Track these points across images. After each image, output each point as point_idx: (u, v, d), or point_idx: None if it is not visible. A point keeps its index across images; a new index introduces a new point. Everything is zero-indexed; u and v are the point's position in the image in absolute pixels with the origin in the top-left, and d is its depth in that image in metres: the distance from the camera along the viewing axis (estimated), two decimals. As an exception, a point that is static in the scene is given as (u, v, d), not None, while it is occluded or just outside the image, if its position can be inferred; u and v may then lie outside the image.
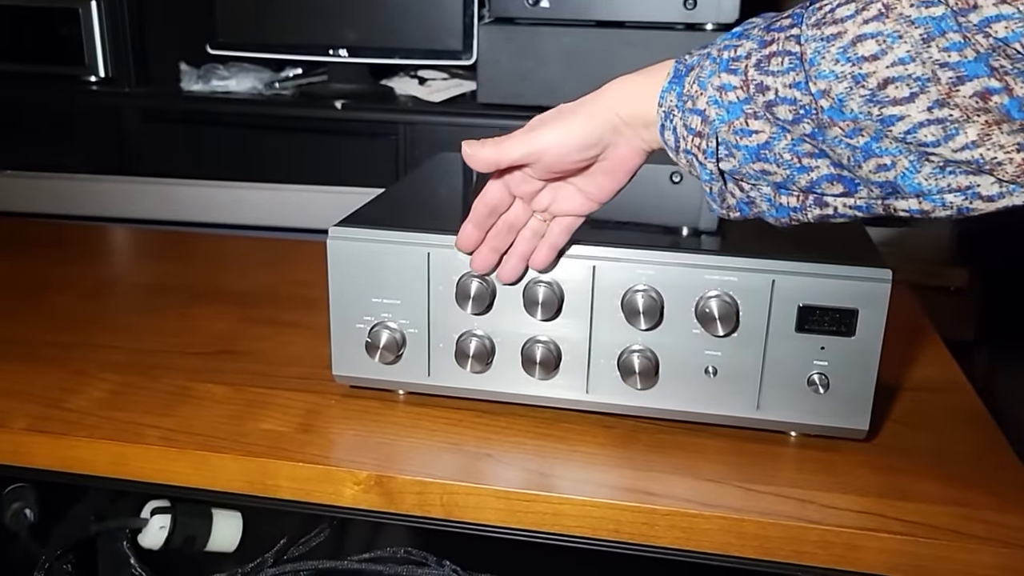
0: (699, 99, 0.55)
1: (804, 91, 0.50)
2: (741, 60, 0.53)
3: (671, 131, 0.57)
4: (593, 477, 0.64)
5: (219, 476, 0.67)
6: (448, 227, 0.69)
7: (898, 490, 0.63)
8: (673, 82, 0.57)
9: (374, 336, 0.71)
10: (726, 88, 0.54)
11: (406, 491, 0.64)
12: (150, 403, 0.73)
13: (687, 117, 0.56)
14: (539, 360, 0.68)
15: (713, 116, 0.54)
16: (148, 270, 1.12)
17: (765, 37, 0.53)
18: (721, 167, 0.56)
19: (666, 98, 0.57)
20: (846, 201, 0.55)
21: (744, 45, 0.54)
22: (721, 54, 0.55)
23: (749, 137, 0.54)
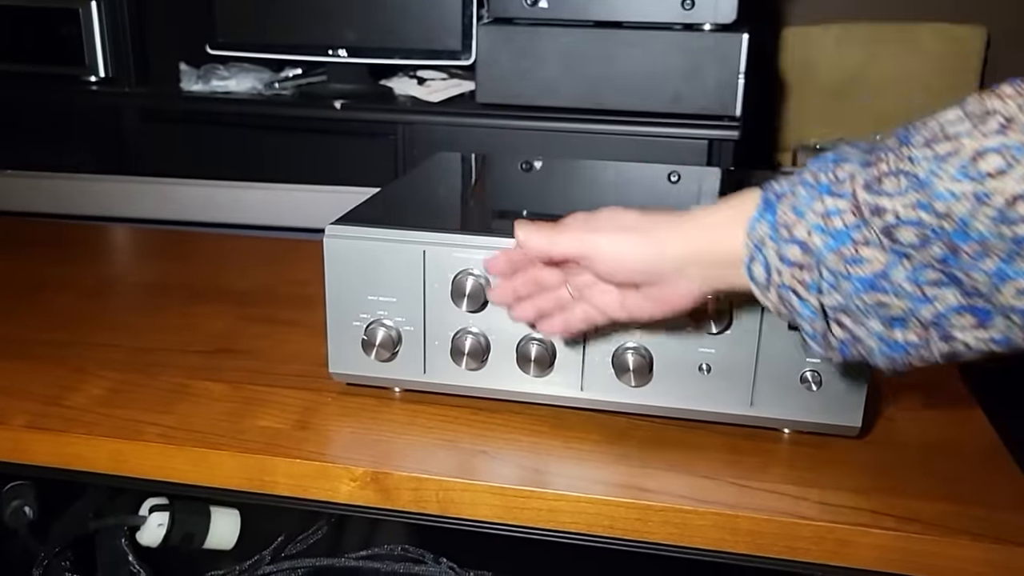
0: (797, 227, 0.50)
1: (930, 212, 0.45)
2: (845, 182, 0.49)
3: (761, 265, 0.52)
4: (588, 474, 0.65)
5: (217, 473, 0.67)
6: (443, 226, 0.70)
7: (890, 486, 0.63)
8: (764, 211, 0.52)
9: (370, 334, 0.71)
10: (831, 213, 0.49)
11: (402, 487, 0.65)
12: (149, 400, 0.74)
13: (783, 247, 0.51)
14: (534, 358, 0.69)
15: (818, 245, 0.49)
16: (147, 269, 1.13)
17: (867, 158, 0.49)
18: (823, 302, 0.51)
19: (757, 228, 0.52)
20: (979, 334, 0.49)
21: (844, 167, 0.50)
22: (818, 178, 0.50)
23: (860, 266, 0.49)
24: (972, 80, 2.26)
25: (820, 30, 2.31)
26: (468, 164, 1.02)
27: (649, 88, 1.56)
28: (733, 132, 1.54)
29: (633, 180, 0.97)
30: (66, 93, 1.85)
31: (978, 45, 2.25)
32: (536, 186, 0.96)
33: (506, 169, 1.04)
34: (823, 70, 2.33)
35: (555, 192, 0.93)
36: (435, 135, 1.69)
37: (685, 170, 1.00)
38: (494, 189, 0.97)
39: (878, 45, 2.29)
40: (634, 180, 0.97)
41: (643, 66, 1.55)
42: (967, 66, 2.26)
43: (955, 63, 2.26)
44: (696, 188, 0.94)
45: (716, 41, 1.52)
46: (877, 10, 2.28)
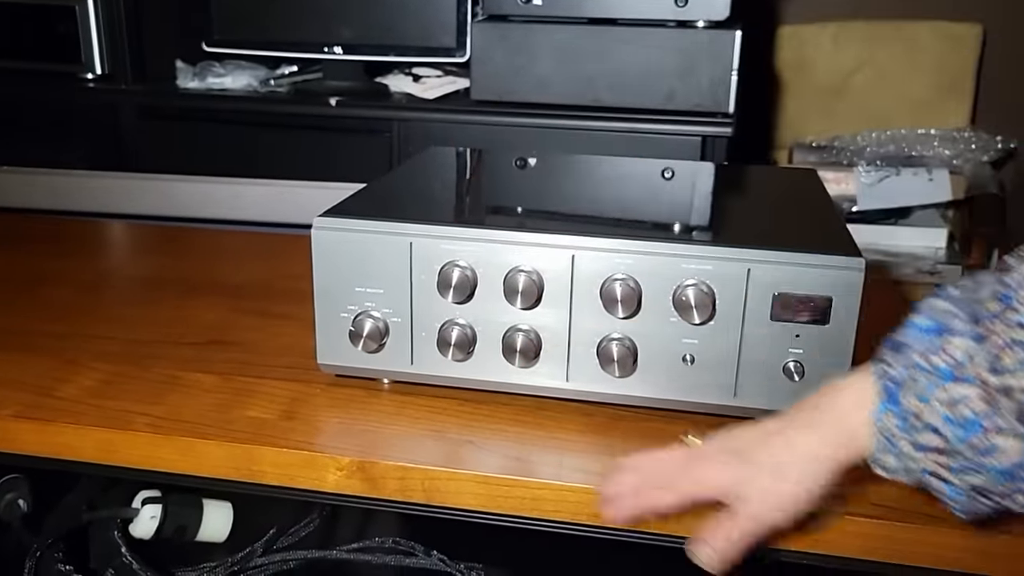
0: (926, 414, 0.48)
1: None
2: (967, 366, 0.47)
3: (894, 456, 0.51)
4: (571, 463, 0.65)
5: (205, 462, 0.68)
6: (430, 217, 0.70)
7: (873, 475, 0.64)
8: (888, 402, 0.50)
9: (357, 325, 0.72)
10: (957, 401, 0.47)
11: (388, 476, 0.65)
12: (140, 392, 0.74)
13: (917, 435, 0.49)
14: (519, 348, 0.69)
15: (948, 437, 0.47)
16: (143, 263, 1.14)
17: (977, 331, 0.47)
18: (969, 481, 0.49)
19: (884, 420, 0.50)
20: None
21: (955, 343, 0.48)
22: (931, 360, 0.48)
23: (995, 456, 0.46)
24: (969, 78, 2.26)
25: (816, 28, 2.31)
26: (459, 158, 1.03)
27: (643, 85, 1.57)
28: (726, 129, 1.55)
29: (626, 174, 0.98)
30: (63, 90, 1.85)
31: (975, 43, 2.25)
32: (526, 180, 0.97)
33: (497, 163, 1.05)
34: (819, 68, 2.34)
35: (545, 186, 0.93)
36: (430, 132, 1.70)
37: (679, 165, 1.00)
38: (483, 183, 0.98)
39: (874, 43, 2.29)
40: (627, 174, 0.98)
41: (637, 63, 1.56)
42: (964, 64, 2.26)
43: (952, 61, 2.26)
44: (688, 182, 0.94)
45: (709, 38, 1.52)
46: (873, 8, 2.28)
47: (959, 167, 2.10)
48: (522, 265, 0.68)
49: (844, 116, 2.32)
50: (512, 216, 0.83)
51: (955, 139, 2.16)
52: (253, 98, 1.80)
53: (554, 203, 0.87)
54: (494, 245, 0.68)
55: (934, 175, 2.06)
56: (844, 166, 2.10)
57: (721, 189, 0.93)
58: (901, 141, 2.17)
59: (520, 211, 0.85)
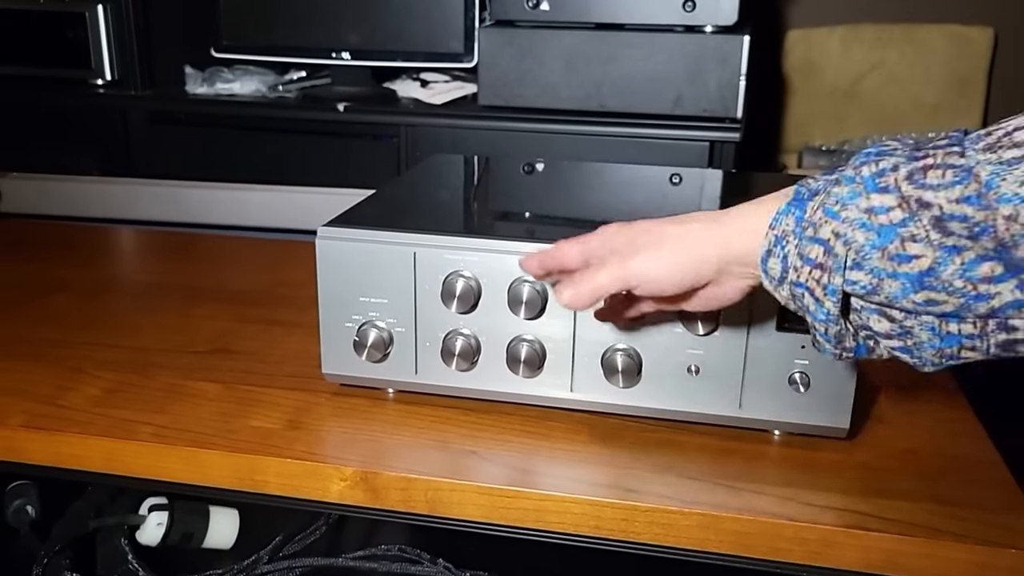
0: (823, 227, 0.49)
1: (978, 206, 0.44)
2: (888, 175, 0.47)
3: (778, 258, 0.51)
4: (575, 474, 0.65)
5: (208, 472, 0.68)
6: (434, 227, 0.70)
7: (877, 487, 0.64)
8: (792, 204, 0.51)
9: (362, 335, 0.72)
10: (877, 210, 0.47)
11: (391, 487, 0.65)
12: (144, 400, 0.74)
13: (804, 246, 0.50)
14: (524, 359, 0.69)
15: (861, 242, 0.48)
16: (149, 270, 1.14)
17: (915, 153, 0.48)
18: (871, 300, 0.50)
19: (781, 221, 0.51)
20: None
21: (887, 160, 0.48)
22: (860, 171, 0.49)
23: (908, 263, 0.47)
24: (980, 81, 2.25)
25: (825, 32, 2.30)
26: (465, 166, 1.03)
27: (650, 90, 1.57)
28: (735, 134, 1.54)
29: (633, 182, 0.97)
30: (73, 96, 1.86)
31: (986, 45, 2.24)
32: (531, 188, 0.97)
33: (502, 171, 1.05)
34: (828, 71, 2.33)
35: (550, 194, 0.93)
36: (437, 137, 1.70)
37: (686, 172, 1.00)
38: (489, 191, 0.98)
39: (884, 46, 2.28)
40: (634, 182, 0.97)
41: (644, 68, 1.55)
42: (975, 67, 2.25)
43: (963, 64, 2.25)
44: (698, 190, 0.94)
45: (717, 43, 1.52)
46: (882, 12, 2.27)
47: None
48: (526, 275, 0.68)
49: (854, 119, 2.31)
50: (516, 225, 0.82)
51: (965, 142, 2.14)
52: (261, 103, 1.81)
53: (559, 212, 0.87)
54: (498, 255, 0.68)
55: (944, 179, 2.04)
56: (854, 170, 2.08)
57: (728, 196, 0.92)
58: (911, 145, 2.15)
59: (525, 220, 0.85)
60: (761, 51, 2.12)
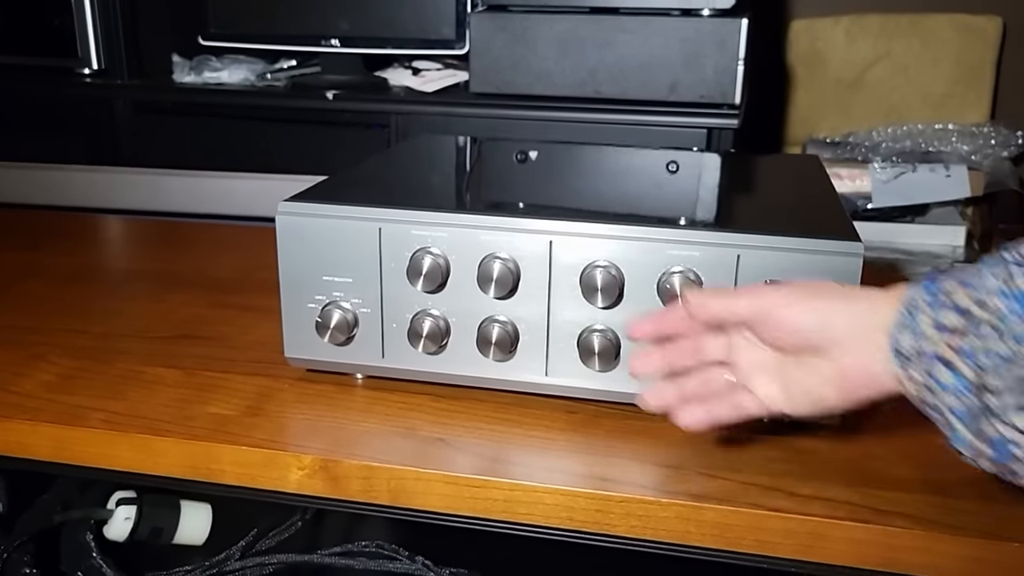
0: (958, 294, 0.47)
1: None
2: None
3: (911, 332, 0.48)
4: (548, 463, 0.61)
5: (161, 460, 0.64)
6: (400, 202, 0.67)
7: (871, 477, 0.59)
8: (927, 282, 0.49)
9: (325, 316, 0.68)
10: (1017, 276, 0.45)
11: (352, 476, 0.61)
12: (99, 387, 0.71)
13: (940, 314, 0.47)
14: (495, 340, 0.65)
15: (1000, 308, 0.44)
16: (129, 257, 1.11)
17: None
18: (986, 382, 0.45)
19: (913, 295, 0.49)
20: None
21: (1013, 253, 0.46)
22: (1002, 254, 0.47)
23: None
24: (988, 71, 2.20)
25: (830, 22, 2.26)
26: (445, 145, 0.99)
27: (646, 75, 1.52)
28: (733, 120, 1.50)
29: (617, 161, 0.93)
30: (59, 85, 1.83)
31: (994, 36, 2.19)
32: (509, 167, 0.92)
33: (483, 151, 1.01)
34: (833, 62, 2.28)
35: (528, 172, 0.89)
36: (429, 125, 1.66)
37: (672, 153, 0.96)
38: (464, 169, 0.94)
39: (890, 36, 2.24)
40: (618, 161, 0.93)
41: (640, 53, 1.51)
42: (983, 57, 2.21)
43: (970, 54, 2.21)
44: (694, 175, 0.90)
45: (715, 26, 1.47)
46: (888, 1, 2.23)
47: (978, 163, 2.04)
48: (497, 252, 0.64)
49: (859, 111, 2.26)
50: (490, 201, 0.78)
51: (974, 134, 2.10)
52: (250, 92, 1.77)
53: (535, 188, 0.83)
54: (467, 230, 0.64)
55: (952, 171, 2.01)
56: (859, 162, 2.04)
57: (714, 175, 0.88)
58: (918, 136, 2.12)
59: (497, 196, 0.81)
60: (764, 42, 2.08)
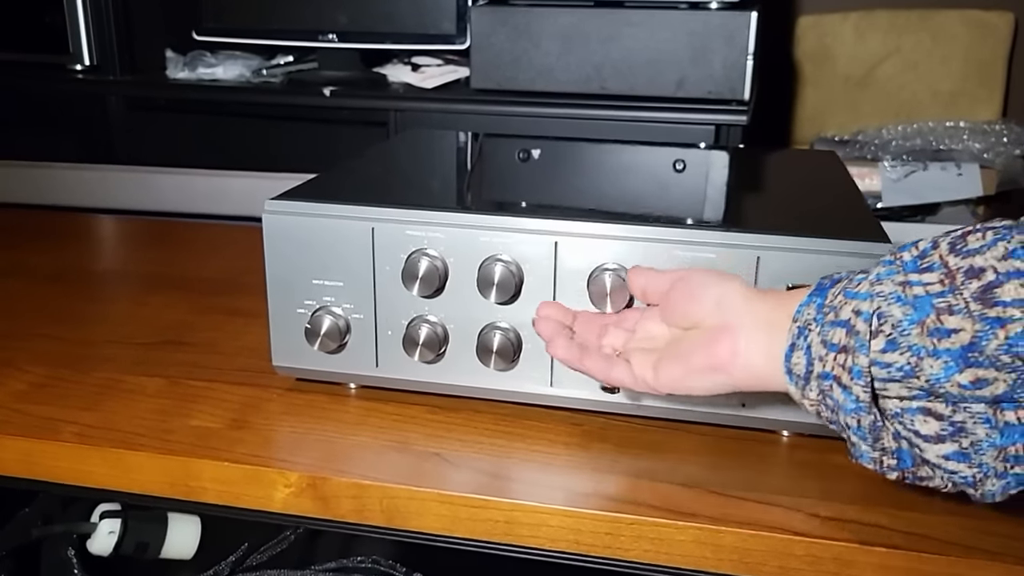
0: (843, 308, 0.45)
1: None
2: (930, 254, 0.44)
3: (803, 351, 0.47)
4: (552, 480, 0.57)
5: (136, 476, 0.60)
6: (394, 200, 0.62)
7: (901, 498, 0.55)
8: (814, 294, 0.48)
9: (315, 322, 0.63)
10: (913, 283, 0.43)
11: (342, 495, 0.57)
12: (74, 397, 0.67)
13: (827, 331, 0.46)
14: (496, 348, 0.61)
15: (897, 316, 0.43)
16: (115, 258, 1.06)
17: (951, 237, 0.44)
18: (910, 386, 0.44)
19: (803, 312, 0.47)
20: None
21: (925, 241, 0.45)
22: (901, 256, 0.45)
23: (949, 338, 0.42)
24: (1000, 68, 2.16)
25: (838, 18, 2.22)
26: (442, 141, 0.94)
27: (653, 71, 1.48)
28: (742, 117, 1.46)
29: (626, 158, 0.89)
30: (50, 82, 1.79)
31: (1006, 31, 2.15)
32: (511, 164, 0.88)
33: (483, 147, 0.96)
34: (842, 59, 2.25)
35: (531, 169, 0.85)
36: (428, 122, 1.62)
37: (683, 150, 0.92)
38: (463, 165, 0.89)
39: (900, 33, 2.20)
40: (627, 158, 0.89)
41: (646, 48, 1.47)
42: (994, 54, 2.17)
43: (982, 50, 2.17)
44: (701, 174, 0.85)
45: (723, 20, 1.43)
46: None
47: (990, 161, 2.00)
48: (499, 254, 0.60)
49: (868, 108, 2.23)
50: (490, 200, 0.74)
51: (986, 132, 2.06)
52: (245, 89, 1.73)
53: (538, 186, 0.79)
54: (466, 231, 0.60)
55: (964, 170, 1.97)
56: (868, 161, 2.00)
57: (729, 172, 0.84)
58: (928, 134, 2.08)
59: (498, 194, 0.76)
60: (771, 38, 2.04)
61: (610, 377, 0.55)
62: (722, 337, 0.50)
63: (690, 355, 0.51)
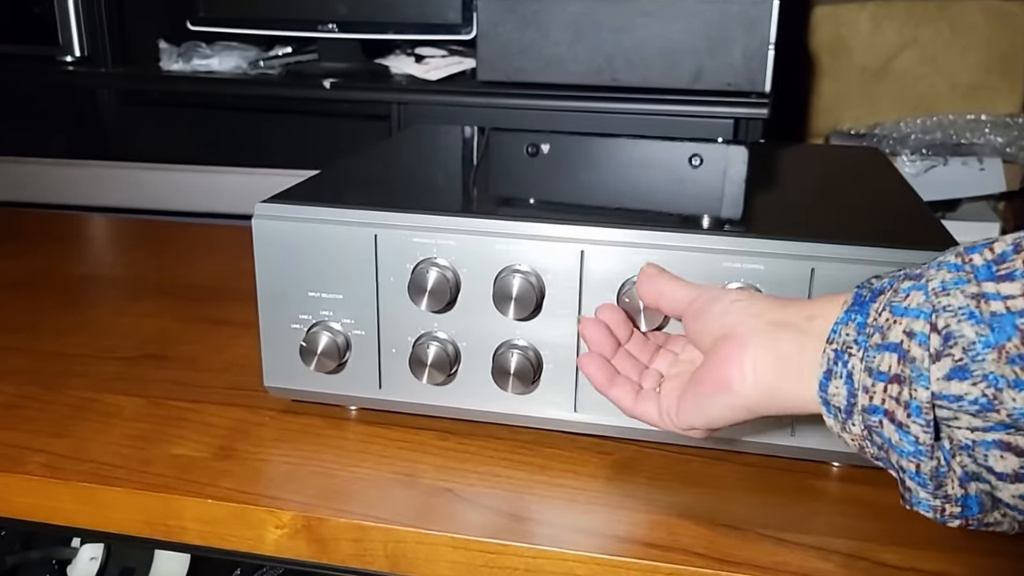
0: (892, 329, 0.38)
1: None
2: (1010, 259, 0.36)
3: (842, 380, 0.40)
4: (578, 522, 0.50)
5: (110, 514, 0.53)
6: (400, 203, 0.56)
7: (975, 540, 0.48)
8: (853, 311, 0.40)
9: (311, 339, 0.57)
10: (990, 296, 0.36)
11: (341, 537, 0.51)
12: (42, 420, 0.60)
13: (872, 356, 0.38)
14: (514, 370, 0.54)
15: (970, 337, 0.36)
16: (97, 261, 1.00)
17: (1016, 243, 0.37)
18: (970, 423, 0.37)
19: (840, 332, 0.40)
20: None
21: (1002, 243, 0.37)
22: (970, 259, 0.37)
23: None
24: (1021, 60, 2.10)
25: (854, 8, 2.16)
26: (449, 136, 0.88)
27: (668, 62, 1.42)
28: (762, 110, 1.39)
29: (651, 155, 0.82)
30: (39, 74, 1.73)
31: (1027, 22, 2.09)
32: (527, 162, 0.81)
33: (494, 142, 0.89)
34: (858, 50, 2.19)
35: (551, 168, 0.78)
36: (433, 116, 1.55)
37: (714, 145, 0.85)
38: (474, 164, 0.83)
39: (917, 23, 2.14)
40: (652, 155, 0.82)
41: (661, 37, 1.40)
42: (1015, 44, 2.11)
43: (1002, 41, 2.11)
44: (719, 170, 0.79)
45: (743, 7, 1.36)
46: (916, -15, 2.12)
47: (1013, 155, 1.94)
48: (517, 264, 0.53)
49: (885, 101, 2.17)
50: (505, 202, 0.67)
51: (1008, 125, 2.01)
52: (242, 81, 1.68)
53: (561, 187, 0.72)
54: (480, 238, 0.54)
55: (986, 164, 1.91)
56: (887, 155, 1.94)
57: (766, 171, 0.77)
58: (948, 128, 2.02)
59: (517, 196, 0.69)
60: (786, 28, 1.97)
61: (635, 411, 0.50)
62: (726, 350, 0.43)
63: (700, 379, 0.45)
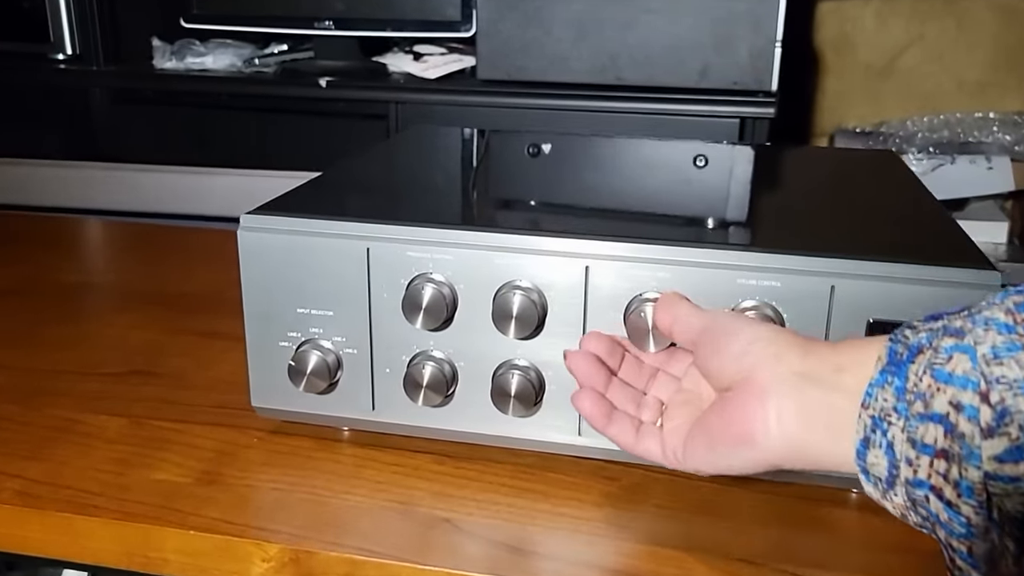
0: (936, 398, 0.34)
1: None
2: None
3: (881, 450, 0.36)
4: (583, 555, 0.47)
5: (85, 545, 0.50)
6: (394, 214, 0.53)
7: None
8: (889, 372, 0.37)
9: (300, 359, 0.54)
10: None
11: (331, 572, 0.48)
12: (18, 442, 0.57)
13: (915, 427, 0.35)
14: (515, 392, 0.51)
15: (1005, 406, 0.32)
16: (83, 268, 0.97)
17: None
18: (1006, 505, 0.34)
19: (876, 396, 0.37)
20: None
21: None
22: (1019, 316, 0.33)
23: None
24: (1029, 56, 2.07)
25: (859, 4, 2.14)
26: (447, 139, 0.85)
27: (673, 60, 1.39)
28: (768, 109, 1.36)
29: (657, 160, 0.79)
30: (30, 73, 1.71)
31: (1034, 18, 2.06)
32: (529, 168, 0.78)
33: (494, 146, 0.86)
34: (862, 48, 2.17)
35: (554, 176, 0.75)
36: (432, 115, 1.53)
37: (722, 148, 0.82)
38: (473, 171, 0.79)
39: (924, 19, 2.12)
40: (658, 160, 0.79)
41: (666, 35, 1.38)
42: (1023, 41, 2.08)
43: (1010, 38, 2.09)
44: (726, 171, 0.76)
45: (749, 4, 1.34)
46: (922, -19, 2.10)
47: (1021, 153, 1.92)
48: (518, 280, 0.50)
49: (891, 99, 2.14)
50: (506, 213, 0.64)
51: (1016, 123, 1.99)
52: (237, 79, 1.66)
53: (564, 192, 0.69)
54: (479, 252, 0.51)
55: (994, 163, 1.89)
56: (893, 154, 1.91)
57: (782, 178, 0.74)
58: (956, 126, 2.00)
59: (517, 207, 0.66)
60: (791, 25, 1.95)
61: (637, 450, 0.46)
62: (744, 399, 0.40)
63: (713, 427, 0.42)
